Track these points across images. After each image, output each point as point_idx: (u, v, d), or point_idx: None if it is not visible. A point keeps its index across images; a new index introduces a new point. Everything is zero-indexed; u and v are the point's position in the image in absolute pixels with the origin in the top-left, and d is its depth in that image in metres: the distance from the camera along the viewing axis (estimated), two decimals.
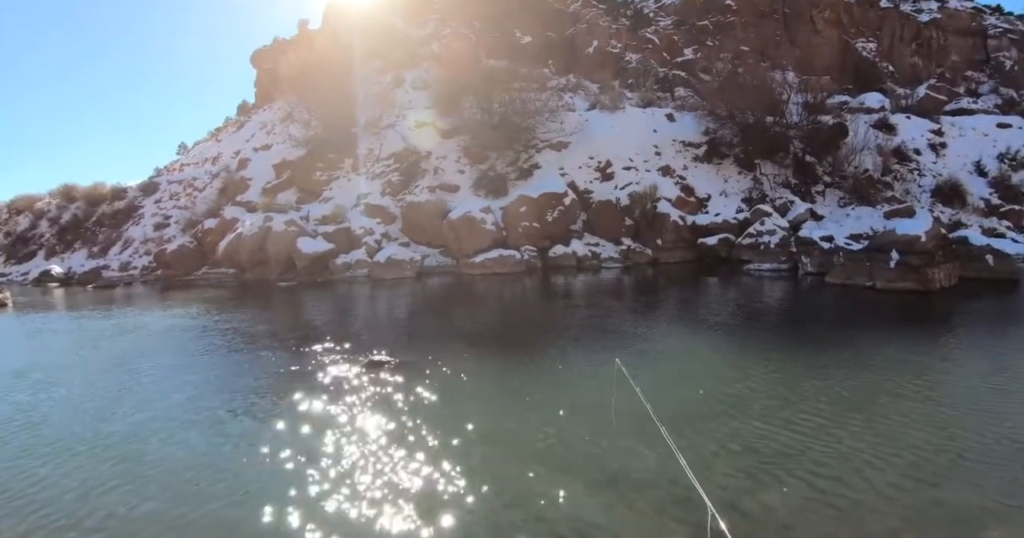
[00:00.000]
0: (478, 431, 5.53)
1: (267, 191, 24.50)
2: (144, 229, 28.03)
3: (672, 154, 22.36)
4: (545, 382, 7.08)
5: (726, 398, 6.28)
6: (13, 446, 5.95)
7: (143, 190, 31.36)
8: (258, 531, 4.05)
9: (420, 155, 23.15)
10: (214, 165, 31.18)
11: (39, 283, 27.17)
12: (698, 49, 37.56)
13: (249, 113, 38.30)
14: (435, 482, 4.57)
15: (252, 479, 4.86)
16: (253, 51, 40.04)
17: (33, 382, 8.72)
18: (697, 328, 10.13)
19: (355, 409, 6.34)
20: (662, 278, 17.13)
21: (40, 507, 4.55)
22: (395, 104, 27.25)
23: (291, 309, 15.62)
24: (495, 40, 33.42)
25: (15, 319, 16.43)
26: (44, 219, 33.49)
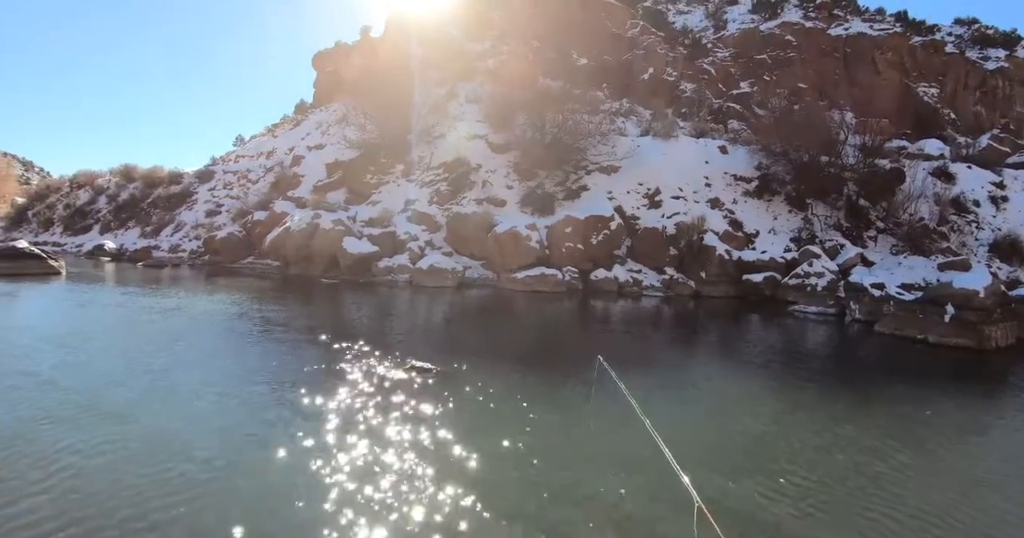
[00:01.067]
0: (515, 452, 5.53)
1: (318, 189, 25.08)
2: (196, 214, 28.94)
3: (722, 187, 22.20)
4: (577, 407, 7.04)
5: (750, 437, 6.19)
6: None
7: (199, 177, 32.43)
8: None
9: (470, 167, 23.43)
10: (268, 159, 32.09)
11: (92, 256, 28.26)
12: (755, 83, 37.40)
13: (306, 112, 39.38)
14: (458, 501, 4.56)
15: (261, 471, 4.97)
16: (315, 53, 41.24)
17: (65, 348, 9.18)
18: (735, 366, 9.99)
19: (396, 414, 6.38)
20: (703, 312, 16.91)
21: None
22: (449, 115, 27.68)
23: (333, 306, 15.89)
24: (551, 60, 33.76)
25: (67, 288, 17.12)
26: (103, 196, 34.88)
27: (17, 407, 6.37)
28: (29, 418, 6.06)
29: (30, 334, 10.20)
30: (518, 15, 37.52)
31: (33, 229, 36.88)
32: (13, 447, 5.29)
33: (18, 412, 6.20)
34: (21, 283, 16.97)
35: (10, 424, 5.86)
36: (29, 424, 5.91)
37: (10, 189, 59.79)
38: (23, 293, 15.38)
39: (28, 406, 6.44)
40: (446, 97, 29.00)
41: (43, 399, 6.64)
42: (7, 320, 12.16)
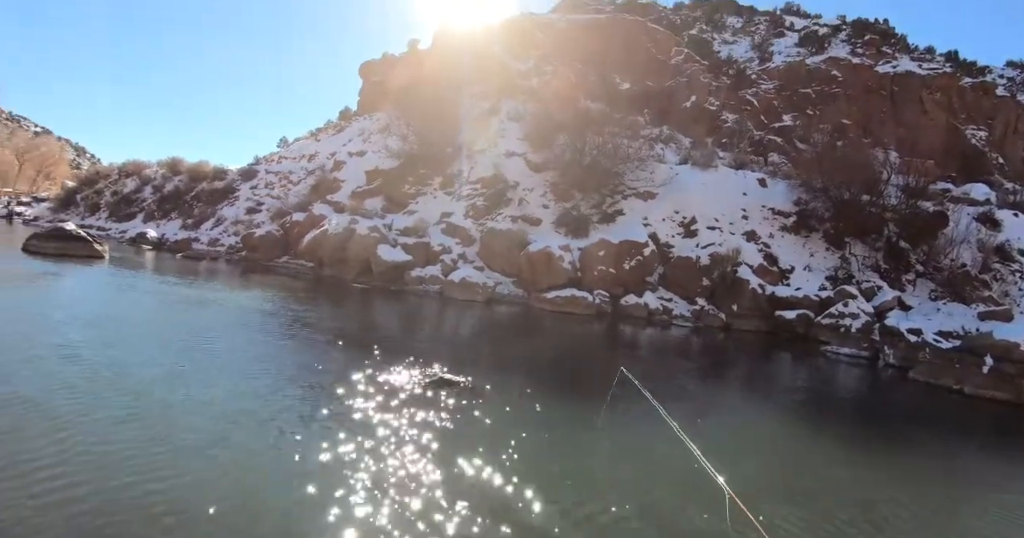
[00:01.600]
0: (545, 472, 5.55)
1: (356, 195, 25.53)
2: (237, 211, 29.64)
3: (759, 220, 22.05)
4: (600, 433, 7.02)
5: (758, 473, 6.11)
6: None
7: (242, 175, 33.26)
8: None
9: (507, 184, 23.65)
10: (310, 163, 32.77)
11: (134, 243, 29.15)
12: (798, 116, 37.16)
13: (350, 119, 40.20)
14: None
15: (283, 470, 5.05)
16: (362, 63, 42.22)
17: (98, 327, 9.63)
18: (762, 403, 9.89)
19: (420, 424, 6.43)
20: (732, 345, 16.78)
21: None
22: (489, 131, 28.02)
23: (363, 311, 16.15)
24: (593, 82, 34.03)
25: (109, 272, 17.71)
26: (149, 185, 35.94)
27: (40, 375, 6.76)
28: (48, 386, 6.43)
29: (67, 312, 10.67)
30: (563, 36, 37.98)
31: (80, 212, 38.11)
32: (30, 409, 5.62)
33: (40, 380, 6.54)
34: (67, 264, 17.59)
35: (31, 390, 6.20)
36: (47, 391, 6.29)
37: (62, 172, 62.16)
38: (67, 274, 15.94)
39: (50, 375, 6.82)
40: (488, 113, 29.40)
41: (64, 370, 7.02)
42: (49, 298, 12.71)
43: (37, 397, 6.02)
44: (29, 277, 14.82)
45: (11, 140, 63.94)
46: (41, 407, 5.77)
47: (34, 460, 4.68)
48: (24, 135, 72.22)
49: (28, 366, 7.04)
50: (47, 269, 16.12)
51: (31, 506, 4.03)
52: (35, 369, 6.96)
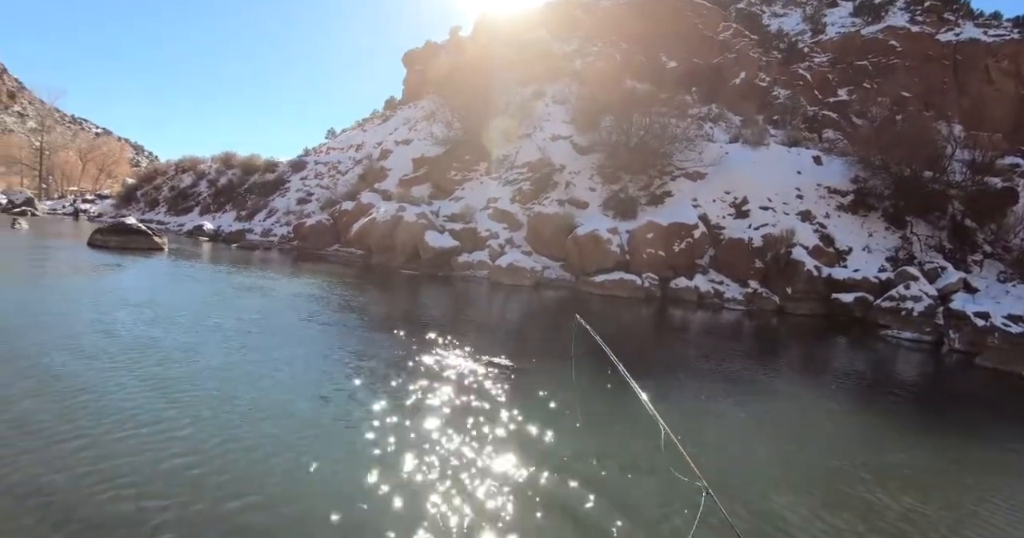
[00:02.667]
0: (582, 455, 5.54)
1: (403, 183, 25.86)
2: (288, 202, 30.45)
3: (815, 199, 21.31)
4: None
5: (807, 459, 5.94)
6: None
7: (292, 166, 34.10)
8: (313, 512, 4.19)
9: (554, 168, 23.53)
10: (357, 152, 33.34)
11: (191, 235, 30.27)
12: (853, 90, 35.64)
13: (395, 108, 40.69)
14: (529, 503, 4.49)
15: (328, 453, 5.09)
16: (405, 52, 42.49)
17: (151, 310, 10.08)
18: (818, 388, 9.51)
19: (469, 407, 6.37)
20: (786, 329, 16.28)
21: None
22: (534, 115, 27.89)
23: (412, 297, 16.36)
24: (639, 62, 33.36)
25: (168, 262, 18.46)
26: (204, 180, 37.23)
27: (85, 351, 7.14)
28: (92, 357, 6.82)
29: (131, 297, 11.25)
30: (606, 16, 37.34)
31: (140, 208, 39.87)
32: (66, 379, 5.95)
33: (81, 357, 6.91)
34: (129, 256, 18.39)
35: (73, 363, 6.57)
36: (89, 361, 6.67)
37: (122, 170, 65.12)
38: (129, 264, 16.68)
39: (94, 349, 7.22)
40: (532, 97, 29.23)
41: (109, 345, 7.42)
42: (114, 285, 13.42)
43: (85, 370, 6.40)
44: (94, 268, 15.60)
45: (75, 141, 67.20)
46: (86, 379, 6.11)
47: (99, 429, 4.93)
48: (86, 136, 75.78)
49: (98, 339, 7.47)
50: (111, 261, 16.91)
51: (82, 469, 4.25)
52: (83, 345, 7.39)
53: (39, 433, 4.76)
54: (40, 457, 4.39)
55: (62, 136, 67.35)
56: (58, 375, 6.17)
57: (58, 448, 4.53)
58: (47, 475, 4.12)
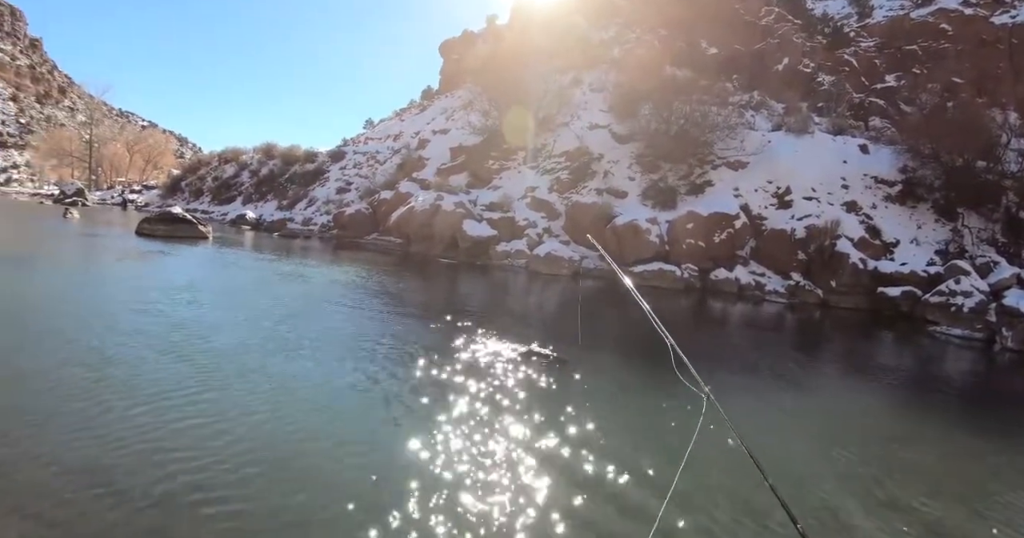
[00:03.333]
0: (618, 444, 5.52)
1: (441, 172, 26.07)
2: (328, 191, 30.99)
3: (861, 189, 20.76)
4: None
5: (853, 459, 5.72)
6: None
7: (331, 157, 34.65)
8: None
9: (592, 156, 23.43)
10: (395, 142, 33.71)
11: (234, 224, 31.05)
12: (902, 76, 34.37)
13: (432, 98, 40.92)
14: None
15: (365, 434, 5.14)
16: (442, 41, 42.57)
17: (191, 292, 10.51)
18: (861, 384, 9.16)
19: (511, 396, 6.31)
20: (830, 323, 15.89)
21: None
22: (572, 103, 27.73)
23: (450, 285, 16.52)
24: (679, 49, 32.81)
25: (212, 250, 19.02)
26: (246, 170, 38.08)
27: (130, 329, 7.45)
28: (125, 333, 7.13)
29: (180, 282, 11.70)
30: (645, 2, 36.71)
31: (185, 197, 41.01)
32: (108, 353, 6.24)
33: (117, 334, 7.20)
34: (175, 244, 18.98)
35: (109, 338, 6.88)
36: (122, 336, 6.98)
37: (168, 162, 67.14)
38: (175, 252, 17.24)
39: (142, 329, 7.55)
40: (570, 85, 29.06)
41: (154, 325, 7.74)
42: (161, 271, 13.97)
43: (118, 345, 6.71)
44: (142, 255, 16.16)
45: (122, 134, 69.41)
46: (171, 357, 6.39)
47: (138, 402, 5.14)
48: (133, 129, 78.22)
49: (146, 320, 7.80)
50: (158, 248, 17.50)
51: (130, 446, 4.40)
52: (157, 324, 7.71)
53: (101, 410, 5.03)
54: (69, 421, 4.64)
55: (110, 129, 69.59)
56: (101, 350, 6.49)
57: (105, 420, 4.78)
58: (82, 437, 4.36)
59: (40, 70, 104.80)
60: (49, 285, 10.64)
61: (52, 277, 11.64)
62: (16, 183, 75.02)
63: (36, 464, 3.95)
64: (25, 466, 3.93)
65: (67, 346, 6.60)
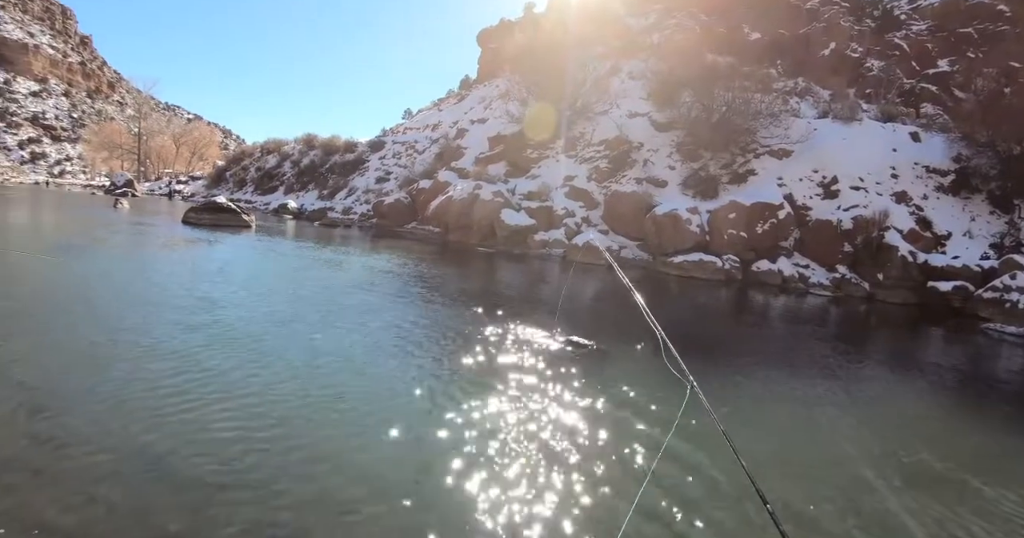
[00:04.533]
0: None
1: (479, 161, 26.18)
2: (367, 181, 31.46)
3: (911, 179, 20.09)
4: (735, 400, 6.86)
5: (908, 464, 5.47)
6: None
7: (371, 146, 35.10)
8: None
9: (631, 145, 23.21)
10: (434, 131, 33.96)
11: (276, 213, 31.82)
12: (956, 61, 32.94)
13: (470, 87, 40.99)
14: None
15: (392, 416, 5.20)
16: (479, 30, 42.52)
17: (235, 280, 10.83)
18: (908, 380, 8.76)
19: (548, 385, 6.28)
20: (876, 318, 15.41)
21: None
22: (610, 91, 27.46)
23: (489, 274, 16.61)
24: (720, 35, 32.13)
25: (256, 238, 19.56)
26: (288, 161, 38.86)
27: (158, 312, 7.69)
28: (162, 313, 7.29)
29: (229, 268, 12.16)
30: None
31: (229, 187, 42.11)
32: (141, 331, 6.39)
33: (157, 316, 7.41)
34: (220, 232, 19.61)
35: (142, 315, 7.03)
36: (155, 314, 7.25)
37: (213, 153, 69.07)
38: (220, 240, 17.83)
39: (188, 311, 7.86)
40: (608, 73, 28.76)
41: (202, 308, 8.03)
42: (207, 257, 14.46)
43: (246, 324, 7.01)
44: (188, 242, 16.78)
45: (169, 127, 71.62)
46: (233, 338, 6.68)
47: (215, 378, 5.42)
48: (179, 122, 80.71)
49: (190, 304, 8.13)
50: (203, 236, 18.13)
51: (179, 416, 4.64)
52: (203, 306, 8.03)
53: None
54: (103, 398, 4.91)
55: (157, 122, 71.85)
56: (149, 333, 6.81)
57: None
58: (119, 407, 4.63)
59: (91, 66, 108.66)
60: (104, 269, 11.21)
61: (107, 262, 12.26)
62: (70, 175, 78.42)
63: (86, 442, 4.14)
64: (75, 444, 4.11)
65: (120, 329, 6.94)
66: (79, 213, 25.96)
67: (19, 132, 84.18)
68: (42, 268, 10.91)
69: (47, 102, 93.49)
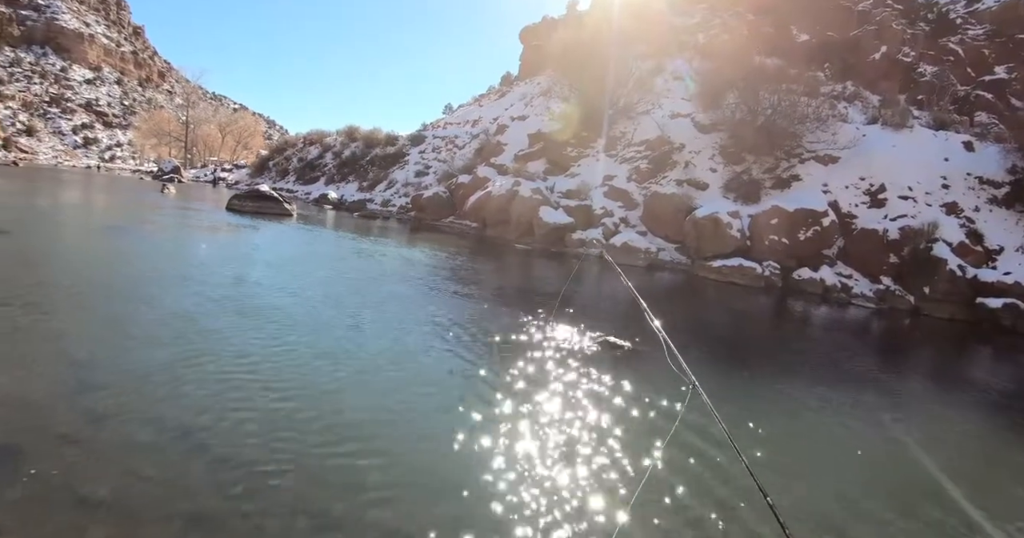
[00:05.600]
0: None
1: (519, 158, 26.29)
2: (407, 174, 31.88)
3: (963, 190, 19.50)
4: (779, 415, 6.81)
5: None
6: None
7: (411, 140, 35.55)
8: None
9: (673, 146, 23.04)
10: (474, 127, 34.20)
11: (317, 203, 32.53)
12: (1014, 68, 31.76)
13: (511, 84, 41.14)
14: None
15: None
16: (522, 27, 42.55)
17: (276, 265, 11.25)
18: (952, 399, 8.48)
19: (583, 385, 6.29)
20: (920, 333, 14.91)
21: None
22: (653, 91, 27.29)
23: (525, 270, 16.72)
24: (767, 35, 31.60)
25: (297, 226, 20.19)
26: (329, 152, 39.61)
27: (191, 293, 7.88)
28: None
29: (270, 254, 12.57)
30: None
31: (272, 177, 43.13)
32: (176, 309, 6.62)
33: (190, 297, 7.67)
34: (262, 220, 20.28)
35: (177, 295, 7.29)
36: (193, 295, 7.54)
37: (257, 143, 70.86)
38: (262, 226, 18.50)
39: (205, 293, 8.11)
40: (651, 73, 28.56)
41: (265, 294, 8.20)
42: (251, 242, 15.13)
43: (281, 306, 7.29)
44: (232, 228, 17.49)
45: (215, 116, 73.87)
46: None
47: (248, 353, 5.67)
48: (225, 111, 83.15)
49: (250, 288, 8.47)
50: (247, 223, 18.80)
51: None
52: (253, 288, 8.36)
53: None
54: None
55: (204, 111, 74.17)
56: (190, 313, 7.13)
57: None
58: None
59: (142, 56, 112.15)
60: (153, 250, 11.91)
61: (157, 243, 13.04)
62: (119, 160, 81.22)
63: (133, 419, 4.34)
64: (123, 420, 4.31)
65: (171, 310, 7.29)
66: (130, 196, 26.99)
67: (73, 118, 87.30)
68: (98, 246, 11.54)
69: (100, 89, 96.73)
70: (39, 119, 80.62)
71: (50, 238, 12.36)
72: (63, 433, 4.00)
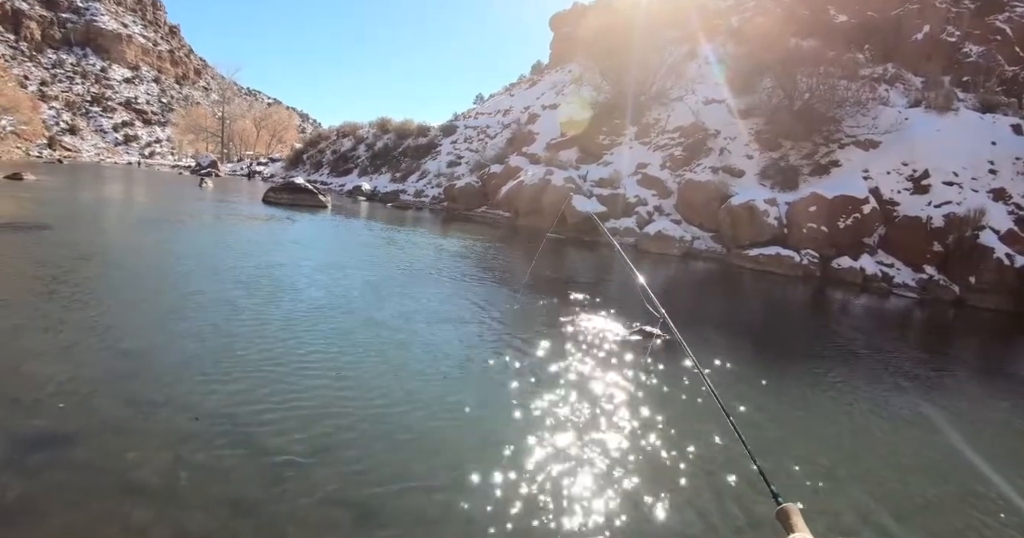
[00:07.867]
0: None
1: (551, 147, 26.28)
2: (439, 164, 32.13)
3: (1011, 175, 18.83)
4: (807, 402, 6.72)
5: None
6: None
7: (443, 131, 35.77)
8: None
9: (707, 133, 22.74)
10: (505, 117, 34.22)
11: (351, 195, 33.00)
12: None
13: (542, 73, 40.94)
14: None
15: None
16: (552, 15, 42.27)
17: (313, 255, 11.63)
18: (987, 401, 7.85)
19: (617, 374, 6.32)
20: (964, 324, 14.42)
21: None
22: (687, 77, 26.91)
23: (559, 260, 16.72)
24: (804, 17, 30.73)
25: (331, 218, 20.66)
26: (362, 144, 40.10)
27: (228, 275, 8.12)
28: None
29: (297, 242, 13.09)
30: None
31: (306, 169, 43.92)
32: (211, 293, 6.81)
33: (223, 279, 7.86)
34: (297, 212, 20.81)
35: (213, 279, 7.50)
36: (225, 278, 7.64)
37: (291, 136, 72.11)
38: (298, 218, 19.06)
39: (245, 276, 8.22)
40: (684, 58, 28.15)
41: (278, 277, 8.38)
42: (288, 233, 15.55)
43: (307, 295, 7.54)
44: (268, 220, 18.02)
45: (250, 111, 75.33)
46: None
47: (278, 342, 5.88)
48: (260, 106, 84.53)
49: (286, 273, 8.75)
50: (284, 215, 19.38)
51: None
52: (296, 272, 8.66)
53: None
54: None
55: (239, 107, 75.69)
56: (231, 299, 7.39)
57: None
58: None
59: (178, 54, 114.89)
60: (194, 241, 12.48)
61: (197, 234, 13.62)
62: (159, 156, 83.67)
63: (175, 407, 4.47)
64: (166, 409, 4.44)
65: (213, 302, 7.57)
66: (169, 190, 27.82)
67: (114, 116, 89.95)
68: (150, 239, 12.03)
69: (139, 88, 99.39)
70: (81, 118, 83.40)
71: (95, 232, 12.86)
72: (110, 420, 4.16)
